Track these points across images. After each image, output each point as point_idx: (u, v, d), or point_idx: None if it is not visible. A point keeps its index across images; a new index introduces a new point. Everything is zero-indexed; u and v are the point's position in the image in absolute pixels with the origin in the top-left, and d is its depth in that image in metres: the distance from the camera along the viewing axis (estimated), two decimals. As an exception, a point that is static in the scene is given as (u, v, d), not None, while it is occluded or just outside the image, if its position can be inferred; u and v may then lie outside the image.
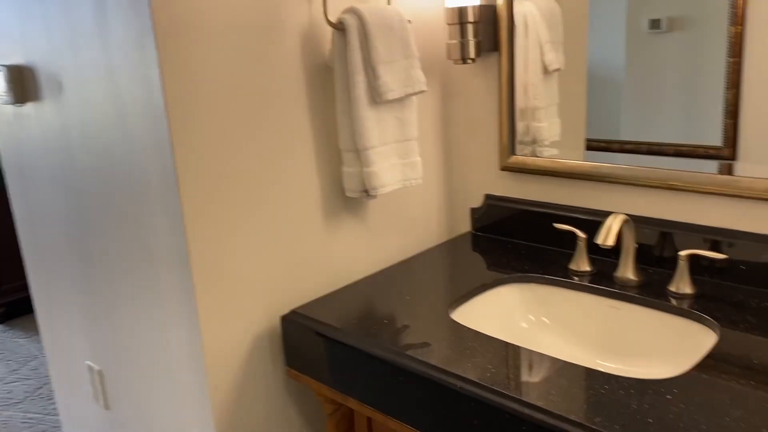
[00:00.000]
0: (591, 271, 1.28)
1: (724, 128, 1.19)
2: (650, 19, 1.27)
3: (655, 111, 1.29)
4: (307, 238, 1.31)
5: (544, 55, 1.43)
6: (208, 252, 1.14)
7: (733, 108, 1.17)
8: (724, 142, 1.19)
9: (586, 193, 1.37)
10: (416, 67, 1.26)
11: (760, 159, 1.14)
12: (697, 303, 1.12)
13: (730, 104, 1.17)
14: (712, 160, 1.21)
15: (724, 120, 1.18)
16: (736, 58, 1.15)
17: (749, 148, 1.16)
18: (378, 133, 1.25)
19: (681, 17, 1.22)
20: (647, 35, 1.27)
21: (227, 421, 1.23)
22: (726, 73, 1.17)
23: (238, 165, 1.17)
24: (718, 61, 1.18)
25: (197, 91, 1.09)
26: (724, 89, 1.17)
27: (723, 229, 1.19)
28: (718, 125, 1.20)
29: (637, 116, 1.32)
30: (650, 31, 1.27)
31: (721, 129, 1.19)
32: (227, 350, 1.21)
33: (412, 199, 1.52)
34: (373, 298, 1.25)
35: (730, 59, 1.15)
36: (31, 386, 2.51)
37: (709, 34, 1.18)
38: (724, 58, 1.17)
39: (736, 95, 1.16)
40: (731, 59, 1.15)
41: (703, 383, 0.88)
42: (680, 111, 1.26)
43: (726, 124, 1.18)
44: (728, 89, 1.17)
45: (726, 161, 1.19)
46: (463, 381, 0.94)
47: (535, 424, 0.85)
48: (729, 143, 1.18)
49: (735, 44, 1.15)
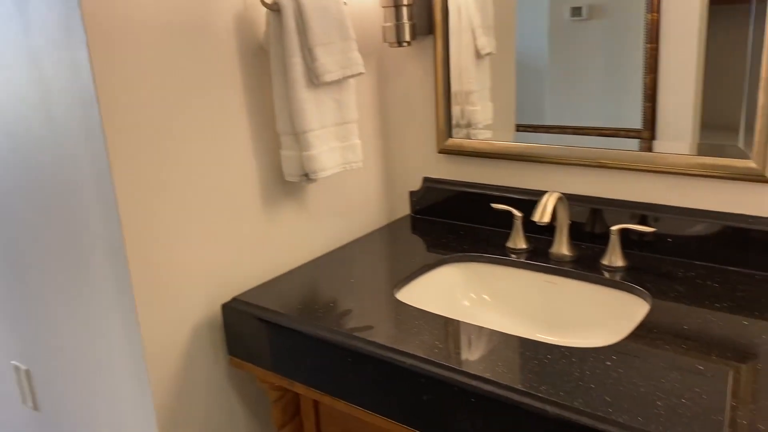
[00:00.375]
0: (528, 249, 1.31)
1: (643, 111, 1.24)
2: (572, 7, 1.30)
3: (578, 96, 1.33)
4: (247, 224, 1.28)
5: (477, 39, 1.46)
6: (144, 241, 1.11)
7: (651, 92, 1.22)
8: (644, 124, 1.24)
9: (521, 174, 1.40)
10: (354, 49, 1.26)
11: (677, 138, 1.20)
12: (629, 275, 1.17)
13: (648, 88, 1.23)
14: (634, 140, 1.26)
15: (643, 103, 1.24)
16: (653, 44, 1.20)
17: (667, 129, 1.21)
18: (316, 115, 1.24)
19: (601, 5, 1.26)
20: (569, 23, 1.31)
21: (169, 413, 1.20)
22: (644, 59, 1.22)
23: (173, 150, 1.13)
24: (637, 48, 1.22)
25: (128, 75, 1.05)
26: (643, 74, 1.23)
27: (649, 204, 1.25)
28: (638, 109, 1.25)
29: (560, 101, 1.36)
30: (572, 19, 1.31)
31: (641, 112, 1.24)
32: (167, 341, 1.17)
33: (352, 183, 1.52)
34: (316, 282, 1.24)
35: (648, 45, 1.21)
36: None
37: (628, 21, 1.23)
38: (642, 44, 1.22)
39: (654, 80, 1.21)
40: (648, 45, 1.20)
41: (639, 349, 0.93)
42: (602, 96, 1.30)
43: (645, 108, 1.24)
44: (647, 74, 1.22)
45: (648, 141, 1.24)
46: (411, 358, 0.95)
47: (483, 395, 0.87)
48: (648, 125, 1.24)
49: (652, 30, 1.20)
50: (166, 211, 1.13)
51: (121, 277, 1.12)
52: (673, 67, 1.18)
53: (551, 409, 0.81)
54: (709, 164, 1.15)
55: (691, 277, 1.14)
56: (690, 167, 1.17)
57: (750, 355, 0.89)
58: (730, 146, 1.14)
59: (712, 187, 1.17)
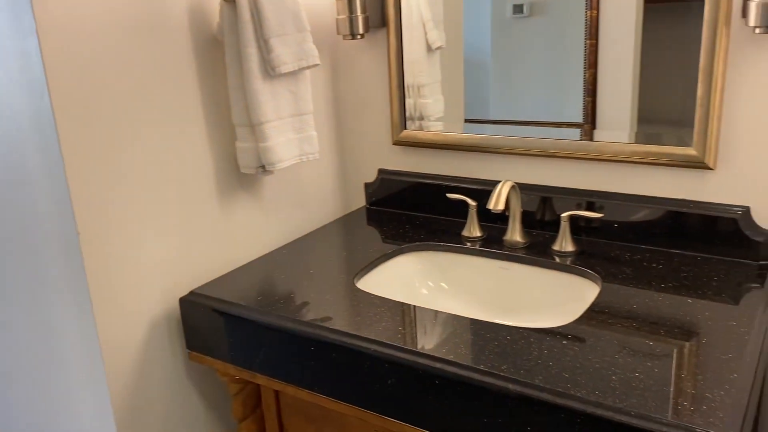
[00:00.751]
0: (482, 237, 1.35)
1: (584, 105, 1.29)
2: (513, 5, 1.34)
3: (521, 91, 1.37)
4: (203, 217, 1.27)
5: (427, 33, 1.48)
6: (99, 234, 1.08)
7: (592, 87, 1.27)
8: (585, 118, 1.29)
9: (474, 164, 1.44)
10: (309, 40, 1.26)
11: (617, 129, 1.25)
12: (579, 259, 1.22)
13: (588, 83, 1.28)
14: (576, 131, 1.31)
15: (584, 98, 1.29)
16: (593, 40, 1.25)
17: (607, 121, 1.26)
18: (272, 107, 1.24)
19: (542, 2, 1.30)
20: (511, 19, 1.35)
21: (127, 410, 1.17)
22: (585, 55, 1.27)
23: (127, 142, 1.11)
24: (577, 44, 1.27)
25: (80, 64, 1.02)
26: (584, 69, 1.27)
27: (596, 191, 1.30)
28: (579, 103, 1.30)
29: (504, 96, 1.40)
30: (513, 16, 1.35)
31: (582, 106, 1.29)
32: (124, 337, 1.15)
33: (307, 175, 1.52)
34: (275, 274, 1.24)
35: (588, 41, 1.25)
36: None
37: (568, 18, 1.28)
38: (582, 40, 1.26)
39: (594, 74, 1.26)
40: (589, 41, 1.25)
41: (592, 328, 0.97)
42: (544, 91, 1.34)
43: (586, 102, 1.29)
44: (587, 69, 1.27)
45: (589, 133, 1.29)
46: (375, 344, 0.96)
47: (447, 377, 0.90)
48: (588, 119, 1.29)
49: (591, 27, 1.25)
50: (121, 204, 1.11)
51: (75, 272, 1.08)
52: (612, 62, 1.23)
53: (513, 387, 0.84)
54: (652, 152, 1.21)
55: (638, 260, 1.20)
56: (635, 155, 1.23)
57: (695, 331, 0.95)
58: (670, 135, 1.19)
59: (655, 175, 1.23)
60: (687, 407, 0.78)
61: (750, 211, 1.15)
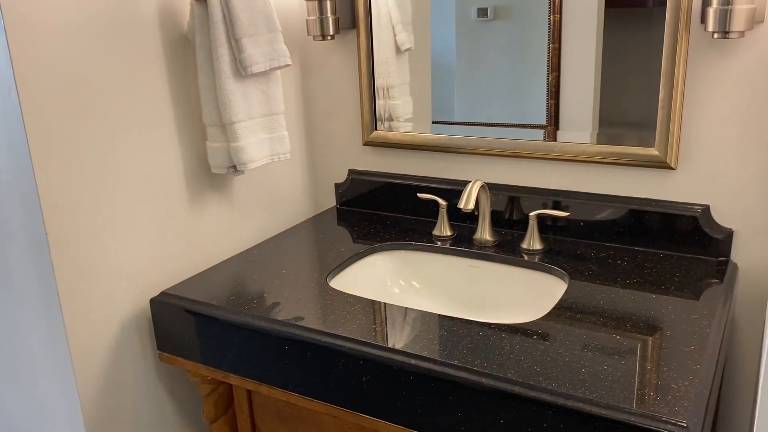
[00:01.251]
0: (452, 236, 1.37)
1: (548, 107, 1.32)
2: (478, 8, 1.37)
3: (485, 94, 1.40)
4: (173, 217, 1.26)
5: (396, 34, 1.50)
6: (67, 234, 1.07)
7: (555, 89, 1.31)
8: (548, 120, 1.32)
9: (443, 165, 1.46)
10: (280, 40, 1.26)
11: (580, 131, 1.28)
12: (547, 257, 1.25)
13: (552, 86, 1.31)
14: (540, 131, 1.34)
15: (547, 100, 1.32)
16: (556, 43, 1.28)
17: (570, 123, 1.29)
18: (244, 106, 1.24)
19: (506, 6, 1.33)
20: (475, 23, 1.38)
21: (96, 413, 1.16)
22: (548, 58, 1.30)
23: (97, 141, 1.10)
24: (541, 47, 1.30)
25: (48, 61, 1.01)
26: (547, 73, 1.31)
27: (562, 191, 1.33)
28: (543, 105, 1.33)
29: (468, 99, 1.42)
30: (478, 19, 1.38)
31: (545, 108, 1.33)
32: (93, 339, 1.14)
33: (277, 175, 1.52)
34: (247, 274, 1.24)
35: (551, 45, 1.29)
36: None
37: (532, 22, 1.31)
38: (546, 44, 1.29)
39: (557, 77, 1.30)
40: (552, 45, 1.29)
41: (561, 323, 0.99)
42: (508, 93, 1.37)
43: (549, 104, 1.32)
44: (550, 72, 1.30)
45: (553, 135, 1.32)
46: (350, 341, 0.97)
47: (422, 372, 0.91)
48: (552, 121, 1.32)
49: (555, 31, 1.28)
50: (90, 204, 1.10)
51: (43, 273, 1.07)
52: (575, 65, 1.27)
53: (486, 381, 0.86)
54: (616, 153, 1.24)
55: (603, 257, 1.23)
56: (599, 156, 1.26)
57: (659, 325, 0.98)
58: (633, 137, 1.23)
59: (619, 174, 1.27)
60: (653, 397, 0.80)
61: (710, 209, 1.20)
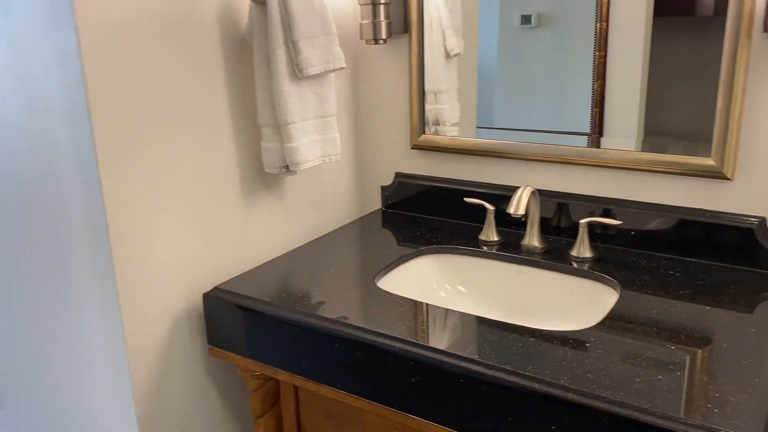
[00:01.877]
0: (500, 241, 1.36)
1: (592, 115, 1.31)
2: (521, 15, 1.37)
3: (526, 101, 1.39)
4: (226, 215, 1.29)
5: (446, 39, 1.51)
6: (127, 231, 1.10)
7: (600, 97, 1.30)
8: (592, 128, 1.31)
9: (490, 169, 1.46)
10: (335, 43, 1.28)
11: (625, 137, 1.27)
12: (597, 265, 1.24)
13: (597, 94, 1.30)
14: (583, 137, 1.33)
15: (592, 108, 1.31)
16: (602, 52, 1.27)
17: (615, 131, 1.28)
18: (299, 108, 1.26)
19: (550, 14, 1.33)
20: (518, 30, 1.38)
21: (148, 404, 1.19)
22: (593, 66, 1.29)
23: (157, 139, 1.13)
24: (585, 55, 1.29)
25: (115, 59, 1.04)
26: (592, 81, 1.29)
27: (611, 198, 1.32)
28: (586, 113, 1.32)
29: (508, 105, 1.42)
30: (521, 26, 1.37)
31: (590, 117, 1.31)
32: (148, 333, 1.17)
33: (326, 176, 1.54)
34: (296, 272, 1.26)
35: (597, 53, 1.28)
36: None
37: (577, 30, 1.30)
38: (591, 52, 1.28)
39: (603, 86, 1.29)
40: (598, 53, 1.28)
41: (614, 332, 0.99)
42: (549, 101, 1.36)
43: (594, 112, 1.31)
44: (595, 80, 1.29)
45: (598, 140, 1.31)
46: (400, 342, 0.98)
47: (472, 376, 0.91)
48: (596, 129, 1.31)
49: (601, 39, 1.27)
50: (149, 201, 1.13)
51: (103, 269, 1.10)
52: (621, 74, 1.25)
53: (539, 387, 0.86)
54: (670, 162, 1.23)
55: (654, 267, 1.22)
56: (652, 164, 1.25)
57: (714, 337, 0.96)
58: (681, 145, 1.21)
59: (672, 184, 1.25)
60: (711, 409, 0.79)
61: (766, 221, 1.18)
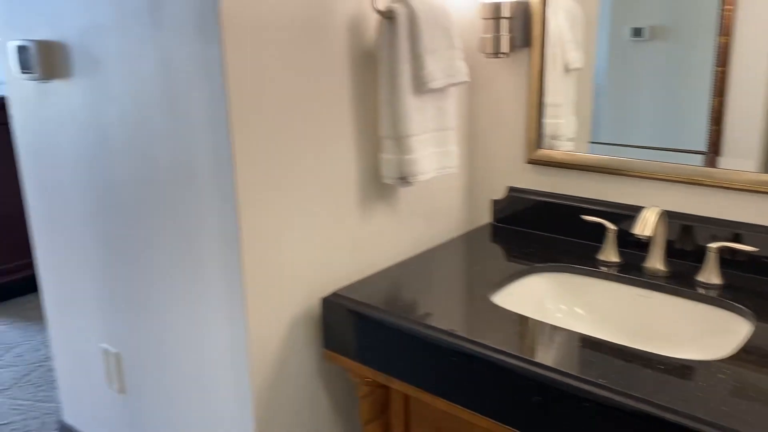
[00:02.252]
0: (620, 263, 1.32)
1: (709, 133, 1.24)
2: (632, 28, 1.32)
3: (635, 116, 1.34)
4: (345, 223, 1.32)
5: (566, 53, 1.48)
6: (257, 234, 1.15)
7: (718, 114, 1.23)
8: (708, 147, 1.24)
9: (608, 187, 1.41)
10: (459, 57, 1.29)
11: (747, 158, 1.20)
12: (727, 293, 1.17)
13: (715, 111, 1.23)
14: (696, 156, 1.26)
15: (709, 126, 1.24)
16: (722, 67, 1.20)
17: (732, 149, 1.21)
18: (419, 121, 1.28)
19: (663, 27, 1.27)
20: (629, 43, 1.33)
21: (264, 401, 1.23)
22: (712, 82, 1.22)
23: (287, 147, 1.18)
24: (703, 70, 1.22)
25: (255, 71, 1.10)
26: (710, 97, 1.23)
27: (742, 222, 1.25)
28: (702, 130, 1.25)
29: (617, 120, 1.37)
30: (632, 39, 1.32)
31: (706, 134, 1.25)
32: (268, 332, 1.22)
33: (438, 188, 1.55)
34: (410, 283, 1.27)
35: (717, 68, 1.21)
36: (18, 373, 2.45)
37: (694, 44, 1.23)
38: (710, 67, 1.22)
39: (722, 103, 1.21)
40: (718, 68, 1.21)
41: (749, 365, 0.93)
42: (660, 117, 1.30)
43: (711, 130, 1.24)
44: (714, 97, 1.22)
45: (715, 159, 1.24)
46: (522, 361, 0.97)
47: (598, 401, 0.89)
48: (713, 148, 1.24)
49: (722, 54, 1.20)
50: (278, 207, 1.18)
51: (232, 269, 1.16)
52: (744, 90, 1.18)
53: (671, 417, 0.83)
54: (813, 187, 1.15)
55: (792, 298, 1.14)
56: (793, 189, 1.17)
57: None
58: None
59: (814, 210, 1.17)
60: None
61: None
